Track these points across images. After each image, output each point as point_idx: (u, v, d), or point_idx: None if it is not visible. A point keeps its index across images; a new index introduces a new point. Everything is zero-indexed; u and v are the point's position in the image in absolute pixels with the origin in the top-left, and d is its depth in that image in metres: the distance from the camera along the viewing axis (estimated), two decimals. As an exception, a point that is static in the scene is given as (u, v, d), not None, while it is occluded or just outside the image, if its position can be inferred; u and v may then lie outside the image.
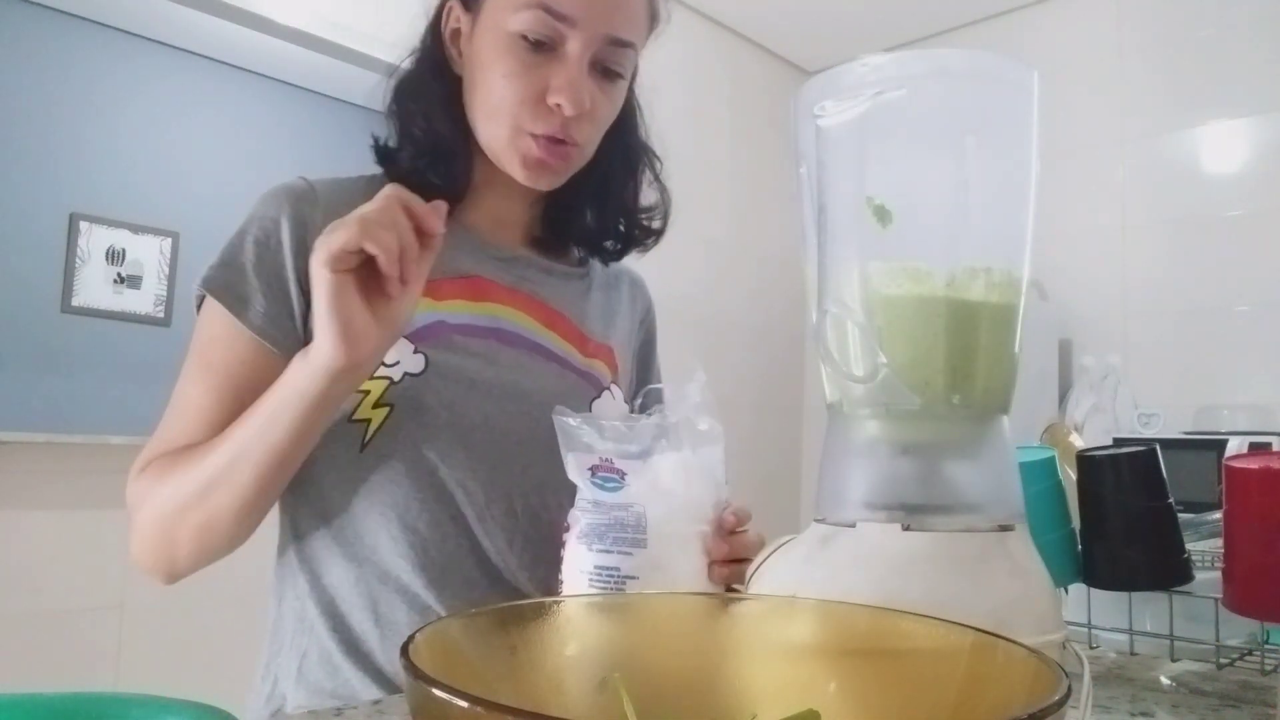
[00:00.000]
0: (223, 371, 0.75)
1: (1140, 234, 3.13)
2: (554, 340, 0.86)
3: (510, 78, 0.76)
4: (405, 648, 0.31)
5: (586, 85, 0.76)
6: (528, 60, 0.75)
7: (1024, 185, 0.51)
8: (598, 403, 0.85)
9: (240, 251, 0.76)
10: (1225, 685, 0.70)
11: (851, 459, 0.52)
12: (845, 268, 0.51)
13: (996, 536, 0.48)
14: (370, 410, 0.76)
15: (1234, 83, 2.97)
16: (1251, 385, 2.85)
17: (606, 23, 0.76)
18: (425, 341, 0.78)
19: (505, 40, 0.76)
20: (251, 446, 0.68)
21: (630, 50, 0.79)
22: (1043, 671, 0.30)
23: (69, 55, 3.72)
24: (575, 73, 0.75)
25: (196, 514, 0.70)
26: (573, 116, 0.76)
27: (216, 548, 0.74)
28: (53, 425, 2.99)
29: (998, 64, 0.50)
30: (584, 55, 0.75)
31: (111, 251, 3.83)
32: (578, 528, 0.66)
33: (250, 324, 0.75)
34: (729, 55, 3.82)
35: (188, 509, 0.70)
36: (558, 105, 0.75)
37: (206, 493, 0.70)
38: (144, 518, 0.73)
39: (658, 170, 0.94)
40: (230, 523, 0.71)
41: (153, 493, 0.73)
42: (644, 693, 0.37)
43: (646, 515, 0.63)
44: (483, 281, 0.84)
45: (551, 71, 0.75)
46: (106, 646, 2.42)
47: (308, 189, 0.80)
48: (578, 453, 0.67)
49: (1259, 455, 0.61)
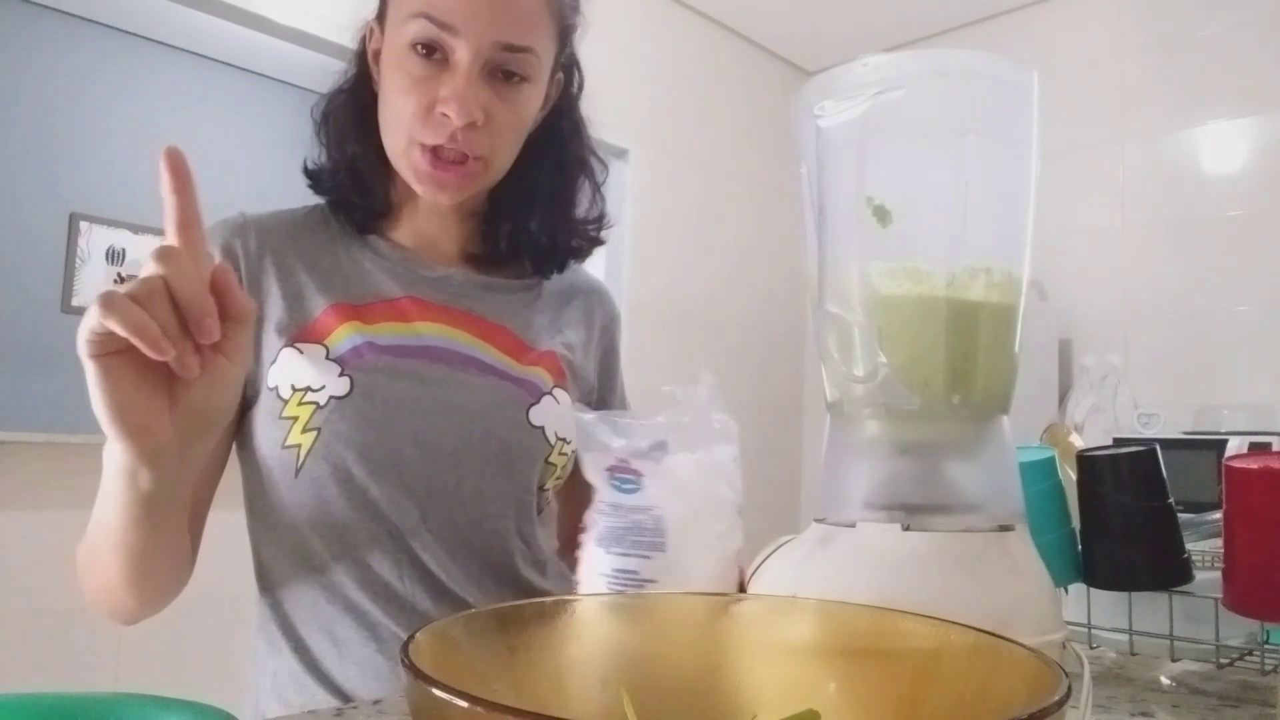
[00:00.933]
0: None
1: (1140, 234, 3.14)
2: (487, 351, 0.84)
3: (403, 91, 0.76)
4: (405, 647, 0.31)
5: (477, 94, 0.75)
6: (419, 72, 0.75)
7: (1024, 185, 0.51)
8: (536, 408, 0.84)
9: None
10: (1225, 685, 0.70)
11: (851, 459, 0.52)
12: (845, 268, 0.51)
13: (996, 536, 0.48)
14: (300, 435, 0.76)
15: (1234, 83, 2.97)
16: (1251, 385, 2.85)
17: (492, 29, 0.75)
18: (351, 365, 0.78)
19: (400, 54, 0.76)
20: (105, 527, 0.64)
21: (528, 55, 0.77)
22: (1043, 671, 0.30)
23: (69, 55, 3.72)
24: (462, 81, 0.74)
25: (115, 567, 0.67)
26: (463, 126, 0.75)
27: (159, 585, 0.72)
28: (53, 425, 2.99)
29: (998, 64, 0.50)
30: (473, 63, 0.75)
31: (111, 251, 3.83)
32: (595, 530, 0.65)
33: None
34: (729, 55, 3.82)
35: (112, 561, 0.67)
36: (445, 115, 0.75)
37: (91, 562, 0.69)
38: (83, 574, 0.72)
39: (600, 182, 0.93)
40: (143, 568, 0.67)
41: (81, 555, 0.71)
42: (644, 693, 0.37)
43: (665, 518, 0.62)
44: (413, 302, 0.84)
45: (441, 82, 0.75)
46: (106, 646, 2.42)
47: (240, 221, 0.82)
48: (594, 452, 0.66)
49: (1259, 455, 0.61)
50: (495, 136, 0.78)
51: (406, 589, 0.78)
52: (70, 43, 3.72)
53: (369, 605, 0.77)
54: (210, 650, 2.36)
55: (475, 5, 0.74)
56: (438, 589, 0.78)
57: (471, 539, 0.80)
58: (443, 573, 0.79)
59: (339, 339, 0.79)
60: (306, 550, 0.77)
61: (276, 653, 0.79)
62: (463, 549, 0.80)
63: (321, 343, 0.78)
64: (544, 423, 0.84)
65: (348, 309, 0.81)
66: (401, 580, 0.78)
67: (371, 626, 0.77)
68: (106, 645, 2.42)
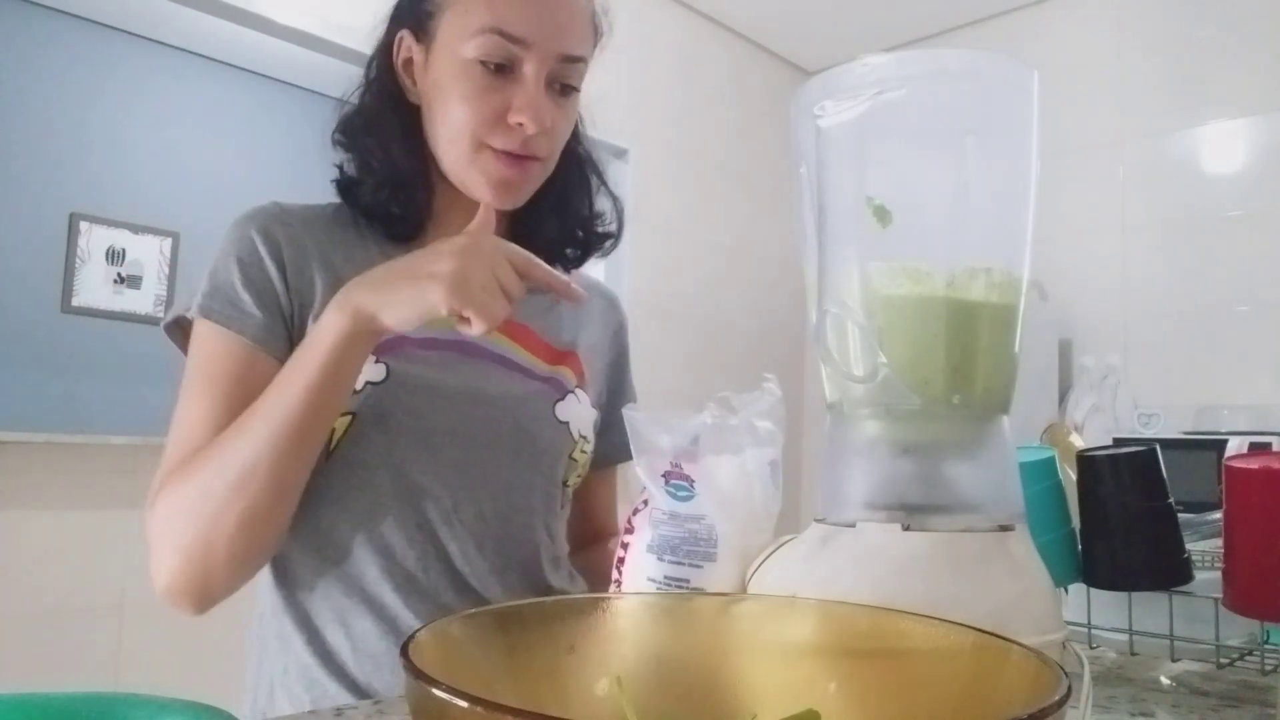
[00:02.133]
0: (223, 383, 0.75)
1: (1140, 234, 3.14)
2: (516, 351, 0.86)
3: (468, 101, 0.77)
4: (405, 647, 0.31)
5: (546, 103, 0.78)
6: (484, 84, 0.77)
7: (1024, 185, 0.51)
8: (561, 404, 0.86)
9: (227, 273, 0.78)
10: (1225, 685, 0.70)
11: (851, 459, 0.52)
12: (845, 268, 0.51)
13: (996, 536, 0.48)
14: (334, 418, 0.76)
15: (1234, 83, 2.97)
16: (1251, 385, 2.85)
17: (559, 40, 0.78)
18: (386, 353, 0.79)
19: (461, 67, 0.77)
20: (274, 420, 0.68)
21: (581, 64, 0.81)
22: (1043, 671, 0.30)
23: (69, 55, 3.72)
24: (534, 92, 0.77)
25: (236, 506, 0.68)
26: (534, 134, 0.77)
27: (261, 544, 0.72)
28: (53, 425, 2.99)
29: (998, 64, 0.50)
30: (540, 74, 0.77)
31: (111, 251, 3.83)
32: (647, 536, 0.64)
33: (246, 332, 0.76)
34: (729, 55, 3.82)
35: (227, 505, 0.68)
36: (519, 124, 0.77)
37: (248, 475, 0.68)
38: (171, 536, 0.70)
39: (604, 176, 0.96)
40: (272, 506, 0.70)
41: (176, 508, 0.70)
42: (644, 692, 0.37)
43: (717, 528, 0.61)
44: None
45: (511, 92, 0.77)
46: (106, 646, 2.42)
47: (276, 209, 0.83)
48: (649, 455, 0.65)
49: (1259, 455, 0.61)
50: (553, 141, 0.82)
51: (430, 581, 0.78)
52: (71, 43, 3.72)
53: (390, 597, 0.77)
54: (210, 650, 2.36)
55: (544, 20, 0.77)
56: (460, 583, 0.79)
57: (499, 531, 0.81)
58: (467, 566, 0.79)
59: None
60: (327, 540, 0.77)
61: (285, 648, 0.79)
62: (491, 541, 0.80)
63: None
64: (569, 419, 0.86)
65: None
66: (425, 573, 0.78)
67: (390, 620, 0.77)
68: (106, 645, 2.42)
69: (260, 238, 0.79)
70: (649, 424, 0.65)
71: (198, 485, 0.70)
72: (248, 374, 0.76)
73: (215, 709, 0.40)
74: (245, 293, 0.77)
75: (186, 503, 0.70)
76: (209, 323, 0.76)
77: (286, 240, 0.80)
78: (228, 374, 0.76)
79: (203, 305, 0.77)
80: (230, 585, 0.73)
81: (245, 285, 0.77)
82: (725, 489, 0.62)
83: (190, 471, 0.71)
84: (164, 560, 0.71)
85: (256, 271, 0.78)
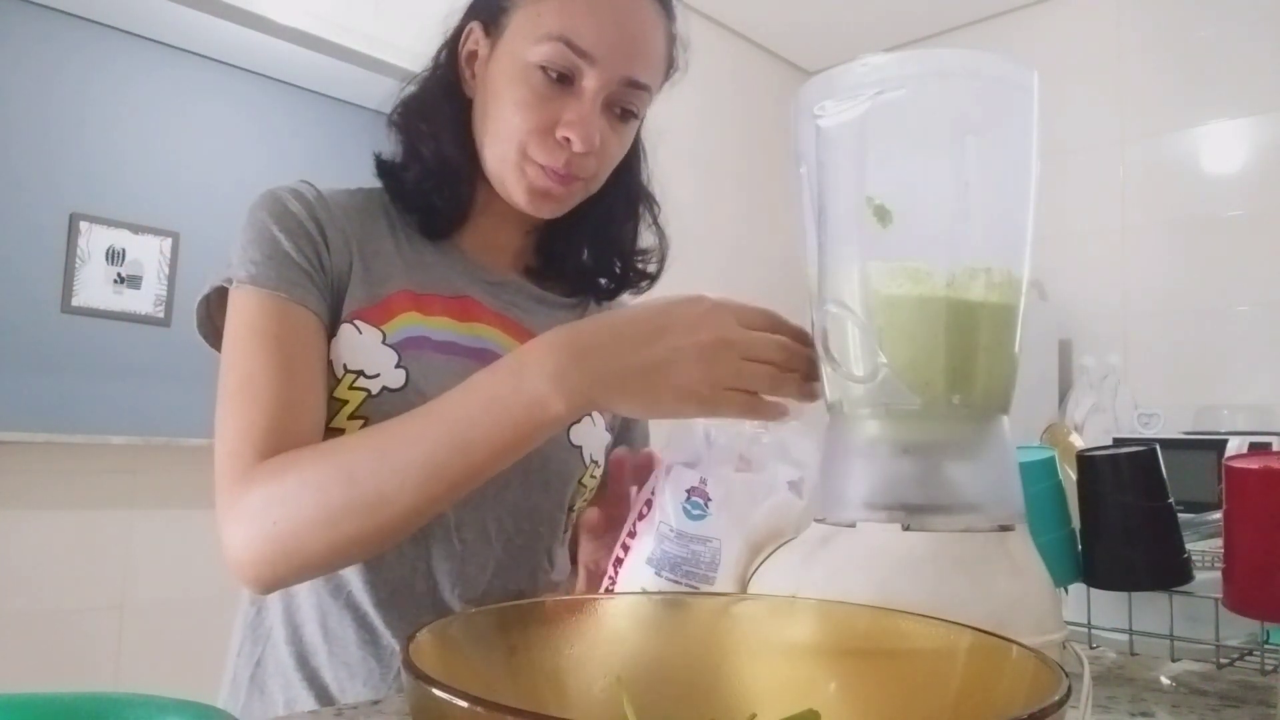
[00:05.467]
0: (291, 347, 0.71)
1: (1140, 234, 3.14)
2: None
3: (522, 106, 0.75)
4: (405, 647, 0.31)
5: (597, 123, 0.75)
6: (542, 91, 0.74)
7: (1024, 185, 0.51)
8: (576, 428, 0.84)
9: (276, 243, 0.74)
10: (1225, 685, 0.70)
11: (851, 459, 0.52)
12: (845, 268, 0.51)
13: (996, 536, 0.48)
14: (345, 422, 0.75)
15: (1234, 83, 2.97)
16: (1251, 385, 2.85)
17: (626, 63, 0.75)
18: (408, 356, 0.77)
19: (522, 69, 0.75)
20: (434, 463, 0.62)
21: (645, 93, 0.78)
22: (1043, 671, 0.30)
23: (69, 55, 3.72)
24: (588, 109, 0.74)
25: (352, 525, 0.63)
26: (580, 153, 0.75)
27: (353, 560, 0.70)
28: (53, 425, 2.99)
29: (998, 64, 0.50)
30: (599, 93, 0.75)
31: (111, 251, 3.83)
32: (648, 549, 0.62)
33: (310, 307, 0.73)
34: (729, 55, 3.82)
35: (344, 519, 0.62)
36: (566, 139, 0.74)
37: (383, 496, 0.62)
38: (275, 514, 0.64)
39: (656, 214, 0.93)
40: (389, 537, 0.65)
41: (287, 485, 0.65)
42: (644, 693, 0.37)
43: (723, 551, 0.59)
44: (471, 302, 0.83)
45: (565, 105, 0.74)
46: (106, 646, 2.42)
47: (311, 189, 0.80)
48: (679, 467, 0.63)
49: (1259, 455, 0.61)
50: (601, 163, 0.79)
51: (413, 599, 0.77)
52: (70, 43, 3.72)
53: (369, 607, 0.76)
54: (210, 650, 2.36)
55: (614, 38, 0.74)
56: (441, 605, 0.77)
57: (501, 554, 0.80)
58: (459, 586, 0.78)
59: (397, 326, 0.78)
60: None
61: (264, 639, 0.78)
62: (491, 563, 0.79)
63: (380, 326, 0.77)
64: (583, 443, 0.84)
65: (410, 297, 0.79)
66: (410, 588, 0.77)
67: (370, 629, 0.76)
68: (106, 645, 2.42)
69: (304, 213, 0.76)
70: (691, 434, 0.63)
71: (314, 484, 0.64)
72: (310, 339, 0.73)
73: (215, 709, 0.40)
74: (303, 262, 0.74)
75: (296, 497, 0.64)
76: (264, 290, 0.72)
77: (329, 220, 0.77)
78: (292, 337, 0.71)
79: (254, 274, 0.72)
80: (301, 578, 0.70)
81: (300, 256, 0.74)
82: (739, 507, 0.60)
83: (304, 464, 0.65)
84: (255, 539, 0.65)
85: (306, 243, 0.75)
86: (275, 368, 0.70)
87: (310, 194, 0.79)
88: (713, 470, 0.62)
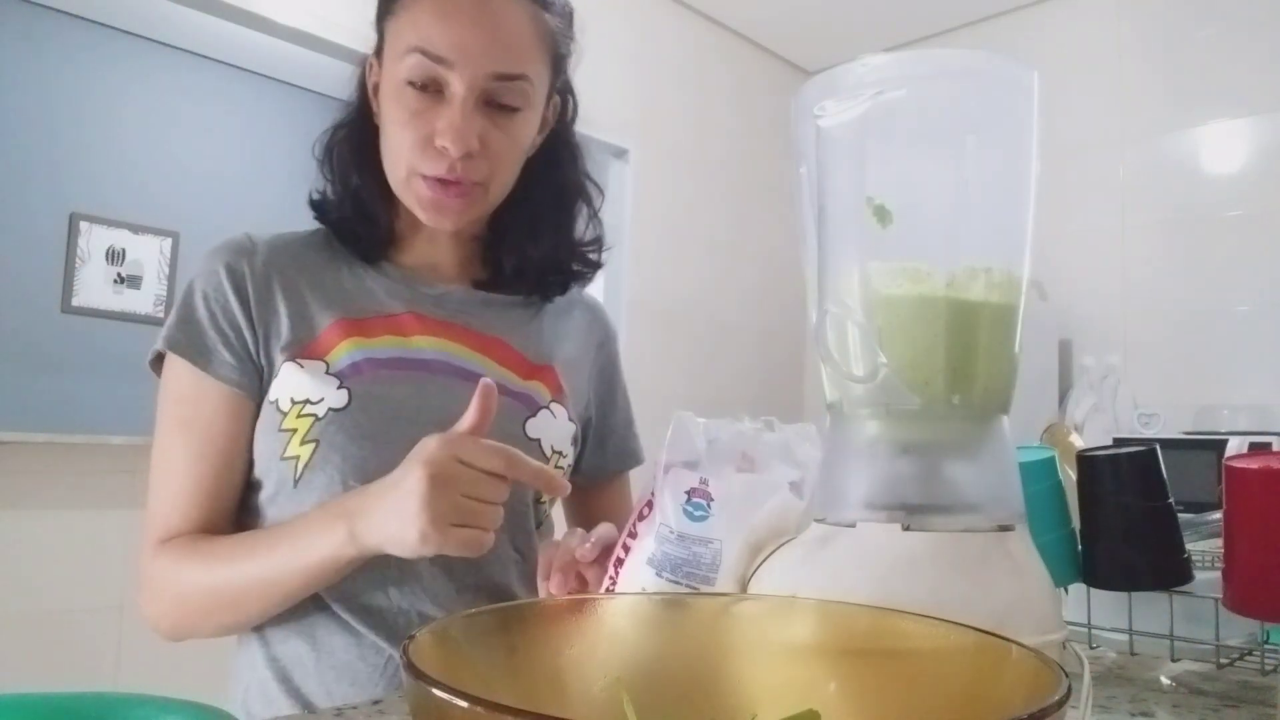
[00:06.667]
0: (199, 429, 0.78)
1: (1140, 234, 3.14)
2: (487, 365, 0.85)
3: (400, 124, 0.77)
4: (405, 647, 0.31)
5: (474, 124, 0.76)
6: (414, 106, 0.77)
7: (1024, 185, 0.51)
8: (532, 421, 0.85)
9: (193, 308, 0.79)
10: (1225, 685, 0.70)
11: (851, 459, 0.52)
12: (845, 268, 0.51)
13: (996, 536, 0.48)
14: (299, 447, 0.77)
15: (1234, 83, 2.97)
16: (1251, 385, 2.85)
17: (487, 59, 0.76)
18: (350, 378, 0.79)
19: (396, 89, 0.77)
20: (266, 575, 0.73)
21: (521, 83, 0.78)
22: (1043, 671, 0.30)
23: (69, 55, 3.72)
24: (458, 113, 0.76)
25: (226, 616, 0.77)
26: (461, 156, 0.76)
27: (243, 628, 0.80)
28: (53, 425, 2.99)
29: (998, 64, 0.50)
30: (469, 95, 0.76)
31: (111, 251, 3.83)
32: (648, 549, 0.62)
33: (219, 375, 0.78)
34: (730, 55, 3.82)
35: (217, 610, 0.76)
36: (444, 147, 0.76)
37: (238, 603, 0.75)
38: (168, 599, 0.77)
39: (597, 207, 0.94)
40: (256, 620, 0.78)
41: (178, 581, 0.76)
42: (644, 693, 0.37)
43: (724, 552, 0.59)
44: (414, 318, 0.85)
45: (438, 114, 0.76)
46: (106, 646, 2.42)
47: (246, 242, 0.84)
48: (678, 468, 0.63)
49: (1259, 455, 0.61)
50: (493, 162, 0.79)
51: (391, 601, 0.78)
52: (71, 43, 3.72)
53: (350, 618, 0.77)
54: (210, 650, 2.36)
55: (467, 38, 0.75)
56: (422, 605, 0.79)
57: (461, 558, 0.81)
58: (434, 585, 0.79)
59: (339, 354, 0.80)
60: None
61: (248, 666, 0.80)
62: (459, 561, 0.79)
63: (323, 359, 0.80)
64: (540, 435, 0.85)
65: (349, 325, 0.82)
66: (384, 597, 0.78)
67: (357, 636, 0.77)
68: (106, 645, 2.42)
69: (225, 272, 0.80)
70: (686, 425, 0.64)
71: (191, 580, 0.76)
72: (221, 421, 0.78)
73: (215, 709, 0.40)
74: (212, 331, 0.78)
75: (183, 587, 0.76)
76: (180, 360, 0.78)
77: (251, 272, 0.81)
78: (200, 421, 0.78)
79: (169, 337, 0.79)
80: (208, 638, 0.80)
81: (211, 323, 0.79)
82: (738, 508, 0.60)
83: (190, 559, 0.76)
84: (156, 604, 0.78)
85: (221, 308, 0.79)
86: (186, 453, 0.78)
87: (241, 249, 0.83)
88: (713, 470, 0.62)
